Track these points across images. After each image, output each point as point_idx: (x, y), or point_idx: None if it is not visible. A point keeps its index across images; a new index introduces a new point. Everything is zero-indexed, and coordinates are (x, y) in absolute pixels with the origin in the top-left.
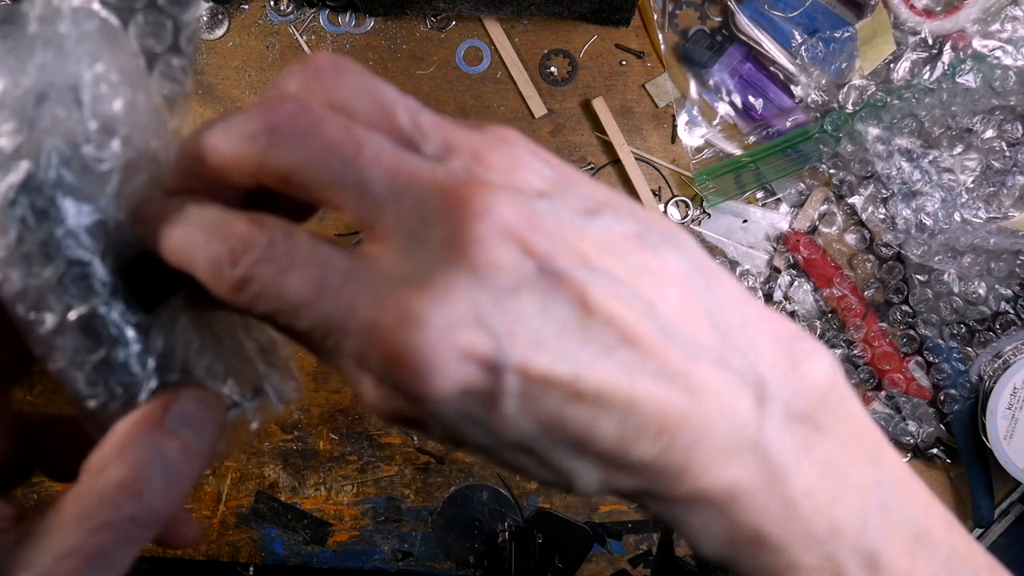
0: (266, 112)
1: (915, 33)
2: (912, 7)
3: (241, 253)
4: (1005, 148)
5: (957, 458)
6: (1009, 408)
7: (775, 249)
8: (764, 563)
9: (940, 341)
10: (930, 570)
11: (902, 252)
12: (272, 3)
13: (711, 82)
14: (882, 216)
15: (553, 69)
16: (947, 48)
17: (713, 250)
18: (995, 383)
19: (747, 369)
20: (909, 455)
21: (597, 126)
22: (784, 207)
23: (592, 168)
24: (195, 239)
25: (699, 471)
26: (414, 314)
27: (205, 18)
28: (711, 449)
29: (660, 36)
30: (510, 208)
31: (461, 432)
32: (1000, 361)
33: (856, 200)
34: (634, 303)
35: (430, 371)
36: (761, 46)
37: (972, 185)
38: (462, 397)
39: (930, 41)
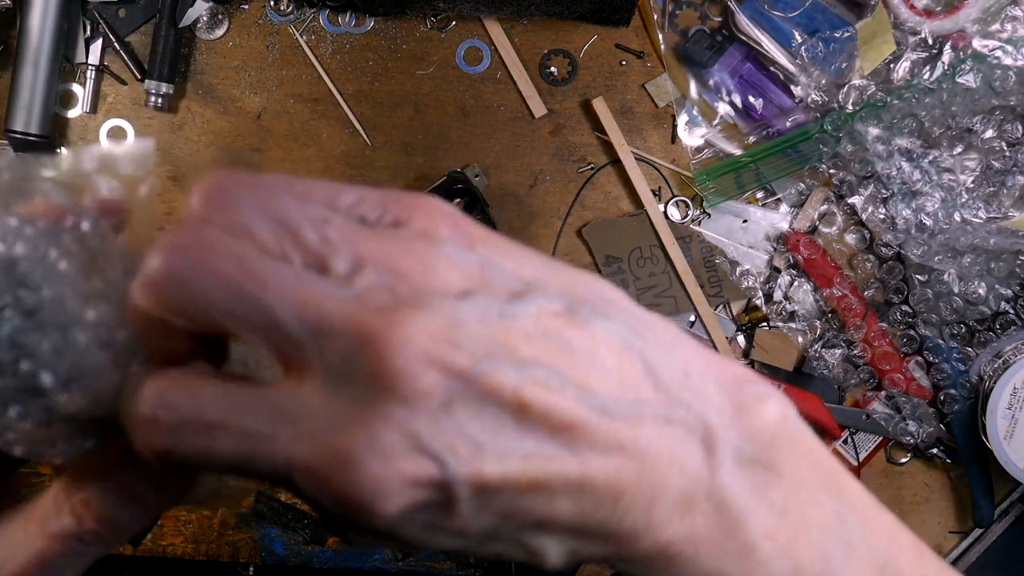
0: (162, 251)
1: (915, 33)
2: (912, 7)
3: (154, 418)
4: (1005, 148)
5: (957, 458)
6: (1009, 408)
7: (775, 249)
8: None
9: (940, 341)
10: None
11: (902, 252)
12: (272, 3)
13: (711, 82)
14: (882, 216)
15: (553, 69)
16: (947, 48)
17: (713, 250)
18: (995, 383)
19: (693, 420)
20: (909, 455)
21: (597, 126)
22: (784, 207)
23: (592, 168)
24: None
25: (658, 528)
26: (351, 456)
27: (205, 18)
28: (668, 504)
29: (660, 36)
30: (425, 332)
31: (429, 543)
32: (1000, 361)
33: (856, 200)
34: (567, 389)
35: (378, 506)
36: (761, 46)
37: (972, 185)
38: (417, 515)
39: (930, 41)
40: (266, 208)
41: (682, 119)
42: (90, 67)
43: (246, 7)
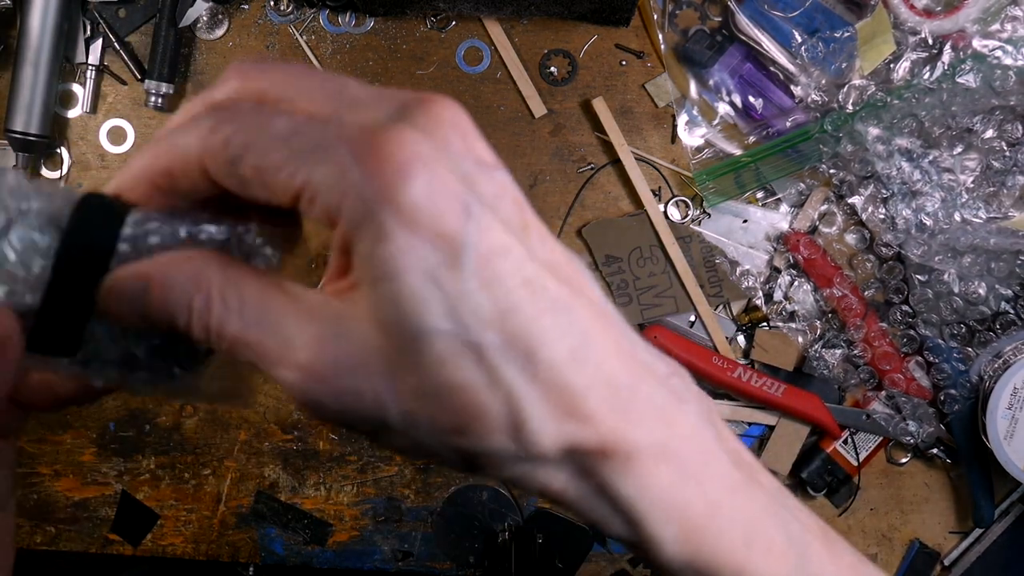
0: (205, 101)
1: (915, 33)
2: (912, 7)
3: (224, 116)
4: (1005, 148)
5: (957, 458)
6: (1009, 408)
7: (775, 249)
8: (725, 541)
9: (940, 341)
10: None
11: (902, 252)
12: (272, 3)
13: (711, 82)
14: (882, 216)
15: (553, 69)
16: (947, 48)
17: (713, 250)
18: (995, 383)
19: (652, 360)
20: (909, 455)
21: (597, 126)
22: (784, 207)
23: (592, 168)
24: (184, 136)
25: (647, 423)
26: (403, 135)
27: (205, 18)
28: (649, 405)
29: (660, 36)
30: (438, 169)
31: (417, 308)
32: (1000, 361)
33: (856, 200)
34: (561, 250)
35: (413, 176)
36: (761, 46)
37: (972, 185)
38: (432, 232)
39: (930, 41)
40: (288, 76)
41: (682, 119)
42: (90, 67)
43: (246, 7)
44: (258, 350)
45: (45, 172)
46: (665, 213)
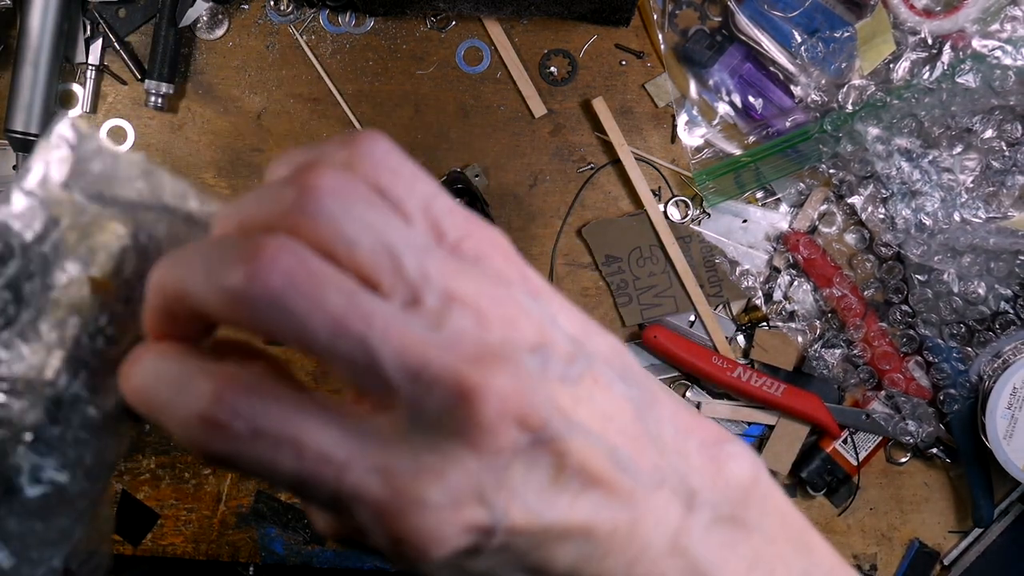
0: (251, 258)
1: (915, 33)
2: (912, 7)
3: (216, 425)
4: (1005, 148)
5: (957, 458)
6: (1009, 408)
7: (775, 249)
8: None
9: (940, 341)
10: None
11: (902, 252)
12: (272, 3)
13: (711, 82)
14: (882, 216)
15: (553, 69)
16: (947, 48)
17: (713, 250)
18: (995, 383)
19: (679, 483)
20: (909, 455)
21: (597, 126)
22: (784, 207)
23: (592, 168)
24: (160, 393)
25: None
26: (423, 498)
27: (205, 18)
28: (648, 561)
29: (660, 36)
30: (512, 386)
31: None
32: (1000, 361)
33: (856, 200)
34: (600, 448)
35: (433, 548)
36: (761, 46)
37: (972, 185)
38: (461, 568)
39: (930, 41)
40: (370, 222)
41: (682, 119)
42: (90, 67)
43: (246, 7)
44: None
45: None
46: (665, 213)
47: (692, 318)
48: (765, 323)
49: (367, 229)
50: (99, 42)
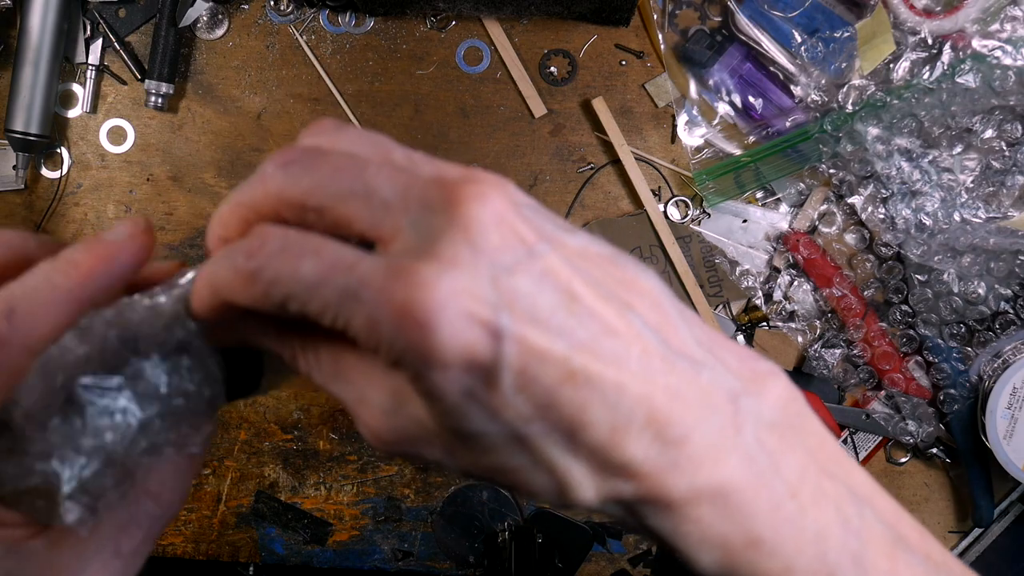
0: (279, 155)
1: (915, 33)
2: (912, 7)
3: (256, 249)
4: (1004, 148)
5: (957, 458)
6: (1008, 408)
7: (775, 249)
8: (762, 570)
9: (940, 341)
10: (911, 572)
11: (902, 252)
12: (272, 3)
13: (711, 82)
14: (882, 216)
15: (553, 69)
16: (947, 48)
17: (713, 250)
18: (995, 383)
19: (719, 378)
20: (909, 455)
21: (597, 126)
22: (784, 207)
23: (592, 168)
24: (218, 262)
25: (692, 468)
26: (423, 278)
27: (205, 18)
28: (700, 446)
29: (660, 36)
30: (501, 200)
31: (462, 418)
32: (1000, 361)
33: (856, 200)
34: (614, 301)
35: (438, 327)
36: (761, 46)
37: (972, 185)
38: (465, 365)
39: (930, 41)
40: (362, 137)
41: (682, 119)
42: (90, 67)
43: (246, 7)
44: (339, 398)
45: (45, 172)
46: (665, 213)
47: None
48: (765, 323)
49: (361, 137)
50: (99, 42)
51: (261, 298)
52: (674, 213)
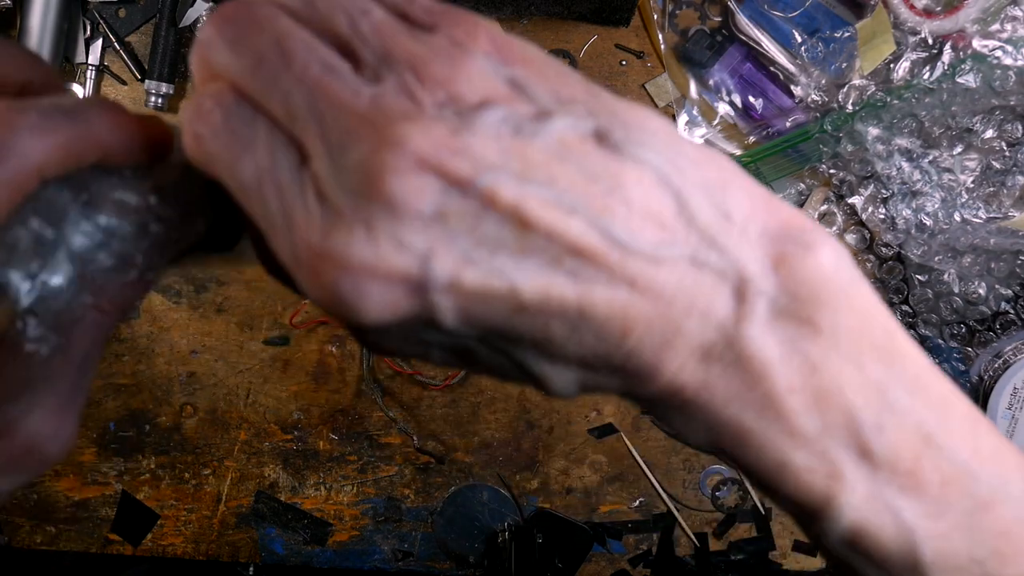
0: (218, 12)
1: (915, 33)
2: (912, 7)
3: (207, 112)
4: (1005, 148)
5: None
6: (1009, 408)
7: None
8: (752, 459)
9: (940, 341)
10: (940, 473)
11: (902, 252)
12: None
13: (711, 82)
14: (882, 216)
15: None
16: (947, 48)
17: None
18: (995, 383)
19: (727, 266)
20: None
21: None
22: None
23: None
24: (184, 109)
25: (673, 370)
26: (338, 252)
27: (205, 18)
28: (683, 349)
29: (660, 36)
30: (426, 136)
31: (421, 339)
32: (1000, 361)
33: (856, 200)
34: (579, 212)
35: (360, 305)
36: (761, 46)
37: (972, 185)
38: (400, 319)
39: (930, 41)
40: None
41: (682, 119)
42: (90, 67)
43: None
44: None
45: None
46: None
47: None
48: None
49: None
50: (99, 42)
51: (203, 165)
52: None
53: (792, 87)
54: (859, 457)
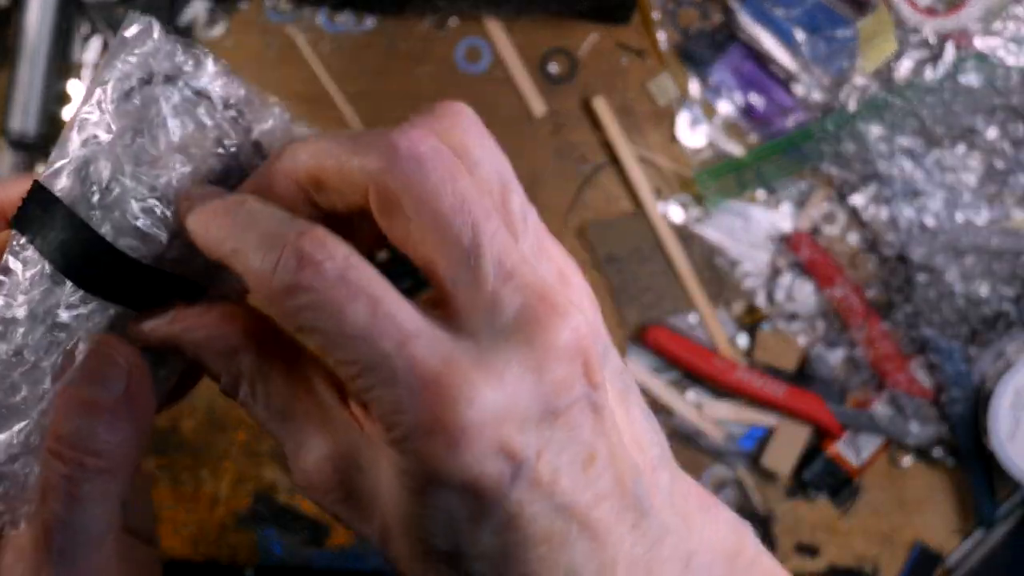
0: (394, 136)
1: (917, 32)
2: (914, 6)
3: (313, 260)
4: (1008, 148)
5: (960, 459)
6: (1012, 408)
7: (776, 249)
8: None
9: (942, 342)
10: None
11: (904, 252)
12: (270, 2)
13: (712, 81)
14: (884, 216)
15: (553, 68)
16: (949, 47)
17: (713, 250)
18: (998, 384)
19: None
20: (911, 456)
21: (597, 125)
22: (785, 207)
23: (592, 167)
24: (247, 234)
25: None
26: (475, 391)
27: (203, 17)
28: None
29: (661, 34)
30: (586, 328)
31: (428, 533)
32: (1003, 361)
33: (858, 200)
34: (627, 460)
35: (462, 447)
36: (762, 45)
37: (975, 185)
38: (466, 491)
39: (932, 40)
40: (491, 154)
41: (683, 118)
42: (88, 66)
43: (244, 6)
44: (275, 437)
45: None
46: (665, 213)
47: (693, 318)
48: (766, 323)
49: (489, 154)
50: (97, 41)
51: (280, 310)
52: (675, 213)
53: (794, 86)
54: None
